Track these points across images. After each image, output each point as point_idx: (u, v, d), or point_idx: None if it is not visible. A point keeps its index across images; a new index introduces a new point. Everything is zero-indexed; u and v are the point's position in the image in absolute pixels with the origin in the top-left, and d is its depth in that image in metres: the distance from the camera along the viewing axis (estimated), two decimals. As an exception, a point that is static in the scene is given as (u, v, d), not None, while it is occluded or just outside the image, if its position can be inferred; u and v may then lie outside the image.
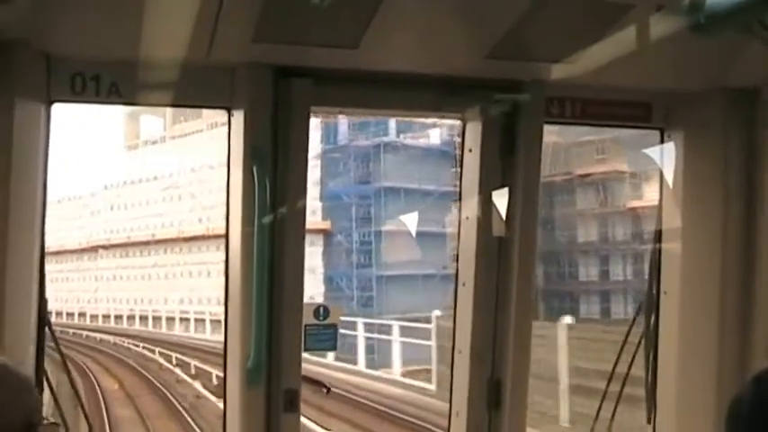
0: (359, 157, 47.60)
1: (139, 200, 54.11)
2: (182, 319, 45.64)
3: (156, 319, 47.64)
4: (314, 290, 40.86)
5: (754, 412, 2.68)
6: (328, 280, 47.36)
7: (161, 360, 33.25)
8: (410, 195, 43.89)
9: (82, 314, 52.11)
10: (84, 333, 42.53)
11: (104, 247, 55.60)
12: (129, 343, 38.58)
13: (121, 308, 51.37)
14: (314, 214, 47.34)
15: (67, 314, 50.04)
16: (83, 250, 56.38)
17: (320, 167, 47.87)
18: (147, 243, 52.69)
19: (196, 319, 43.41)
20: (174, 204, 51.51)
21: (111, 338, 41.09)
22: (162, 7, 4.14)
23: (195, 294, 46.12)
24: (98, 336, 42.38)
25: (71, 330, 40.29)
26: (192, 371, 29.40)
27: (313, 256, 46.16)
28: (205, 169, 47.21)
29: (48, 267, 4.74)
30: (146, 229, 53.11)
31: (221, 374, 5.05)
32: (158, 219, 52.59)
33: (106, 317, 51.29)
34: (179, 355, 32.67)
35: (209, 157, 45.22)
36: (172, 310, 47.23)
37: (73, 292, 52.87)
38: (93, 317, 51.96)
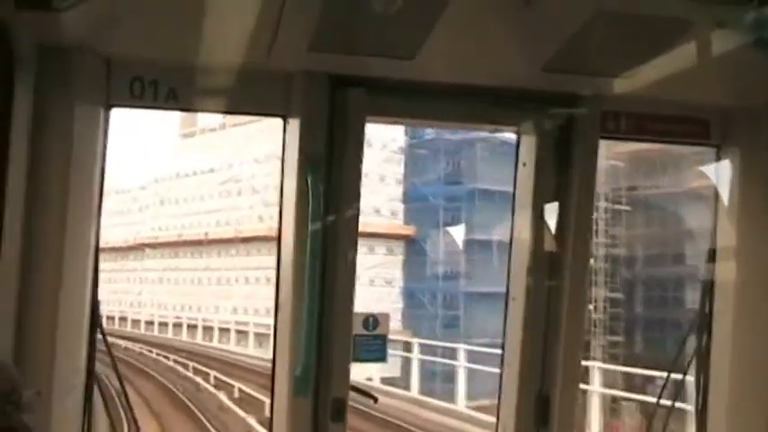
0: (448, 154, 46.42)
1: (193, 194, 53.72)
2: (238, 332, 45.18)
3: (207, 329, 47.26)
4: (388, 306, 39.24)
5: None
6: (408, 294, 46.55)
7: (222, 397, 29.32)
8: (506, 200, 42.57)
9: (123, 319, 51.85)
10: (123, 344, 40.32)
11: (151, 246, 55.70)
12: (174, 360, 37.46)
13: (167, 314, 50.82)
14: (395, 216, 47.29)
15: (107, 318, 49.85)
16: (128, 248, 56.40)
17: (403, 164, 47.80)
18: (199, 243, 52.43)
19: (256, 333, 42.65)
20: (232, 200, 51.26)
21: (152, 352, 40.13)
22: (220, 15, 4.82)
23: (251, 303, 45.88)
24: (137, 348, 41.28)
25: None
26: (267, 413, 24.89)
27: (392, 265, 45.81)
28: (272, 160, 46.92)
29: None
30: (198, 227, 52.68)
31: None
32: (213, 216, 52.36)
33: (149, 323, 51.15)
34: (243, 386, 29.98)
35: (275, 146, 44.13)
36: (226, 321, 46.81)
37: (115, 293, 52.65)
38: (135, 322, 51.34)
